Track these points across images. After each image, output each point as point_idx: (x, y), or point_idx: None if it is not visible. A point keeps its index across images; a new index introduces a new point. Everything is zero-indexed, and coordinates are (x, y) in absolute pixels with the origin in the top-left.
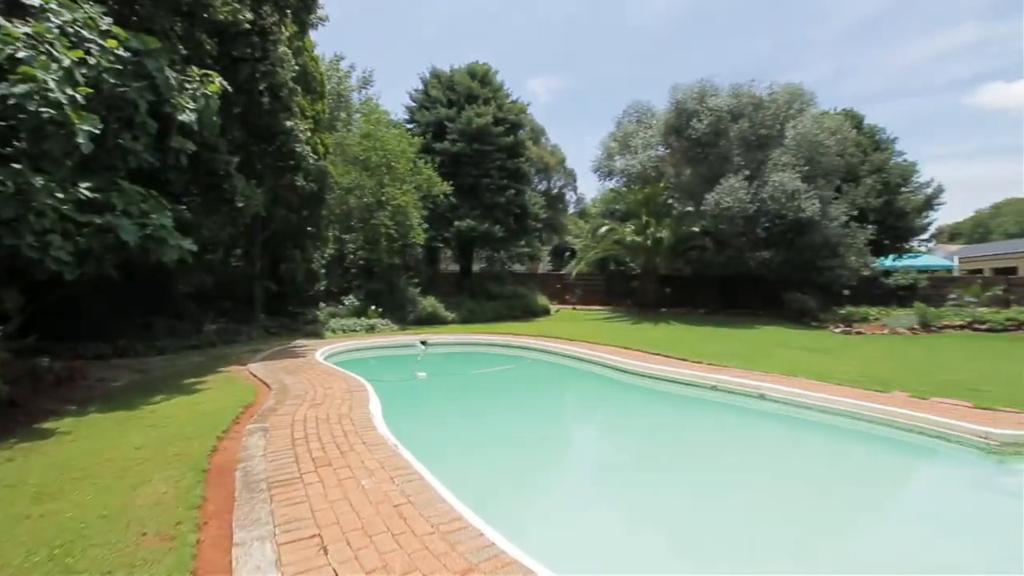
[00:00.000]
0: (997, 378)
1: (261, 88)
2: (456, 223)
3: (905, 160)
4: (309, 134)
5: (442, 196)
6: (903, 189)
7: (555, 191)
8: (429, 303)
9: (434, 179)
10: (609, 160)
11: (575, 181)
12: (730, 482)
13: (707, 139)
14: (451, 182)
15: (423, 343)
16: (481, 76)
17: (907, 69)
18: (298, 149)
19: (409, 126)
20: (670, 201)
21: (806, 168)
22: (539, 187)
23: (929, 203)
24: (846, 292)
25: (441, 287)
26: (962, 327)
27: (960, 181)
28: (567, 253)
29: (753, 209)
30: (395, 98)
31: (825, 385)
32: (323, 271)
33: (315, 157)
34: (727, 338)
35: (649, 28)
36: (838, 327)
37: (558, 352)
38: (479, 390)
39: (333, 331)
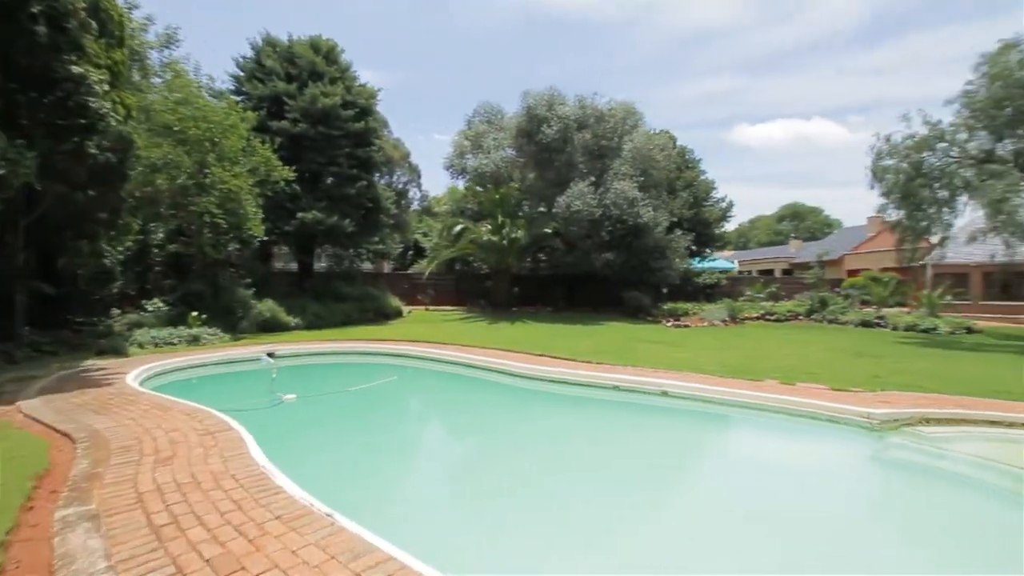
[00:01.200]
0: (813, 362)
1: (34, 12)
2: (300, 215)
3: (707, 178)
4: (107, 87)
5: (282, 183)
6: (705, 203)
7: (399, 187)
8: (266, 307)
9: (273, 162)
10: (461, 158)
11: (419, 177)
12: (676, 480)
13: (556, 145)
14: (292, 168)
15: (271, 356)
16: (326, 52)
17: (682, 106)
18: (93, 104)
19: (237, 98)
20: (523, 202)
21: (641, 179)
22: (382, 181)
23: (724, 215)
24: (664, 290)
25: (277, 288)
26: (758, 318)
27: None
28: (410, 252)
29: (599, 213)
30: (207, 66)
31: (710, 377)
32: (119, 269)
33: (117, 119)
34: (586, 335)
35: (473, 36)
36: (668, 321)
37: (439, 359)
38: (366, 410)
39: (140, 345)
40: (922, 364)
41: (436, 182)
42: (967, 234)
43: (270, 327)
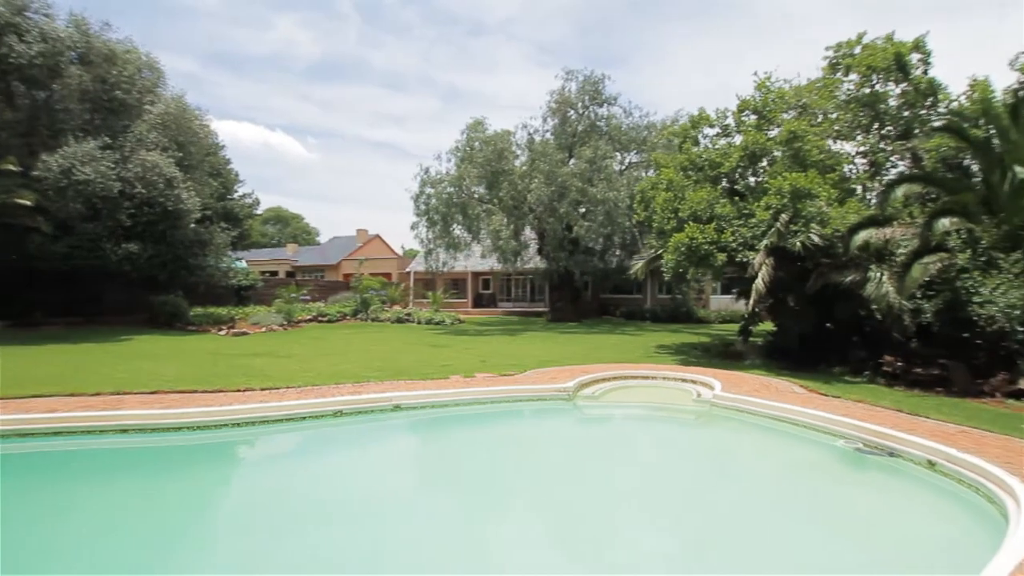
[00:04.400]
0: (423, 356)
1: None
2: None
3: (233, 168)
4: None
5: None
6: (231, 196)
7: None
8: None
9: None
10: None
11: None
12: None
13: (35, 73)
14: None
15: None
16: None
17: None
18: None
19: None
20: None
21: (180, 155)
22: None
23: (251, 212)
24: (179, 293)
25: None
26: (311, 320)
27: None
28: None
29: (117, 189)
30: None
31: (427, 383)
32: None
33: None
34: (142, 357)
35: None
36: (221, 330)
37: None
38: None
39: None
40: (485, 348)
41: None
42: (480, 252)
43: None
